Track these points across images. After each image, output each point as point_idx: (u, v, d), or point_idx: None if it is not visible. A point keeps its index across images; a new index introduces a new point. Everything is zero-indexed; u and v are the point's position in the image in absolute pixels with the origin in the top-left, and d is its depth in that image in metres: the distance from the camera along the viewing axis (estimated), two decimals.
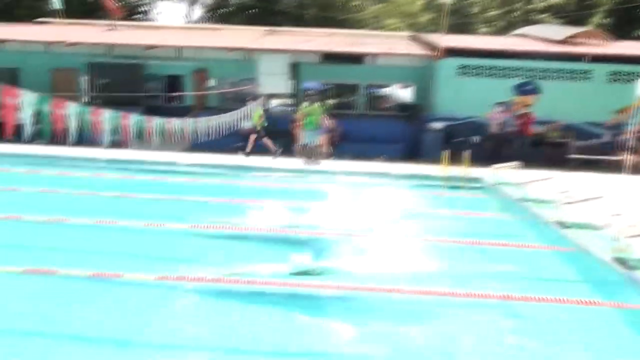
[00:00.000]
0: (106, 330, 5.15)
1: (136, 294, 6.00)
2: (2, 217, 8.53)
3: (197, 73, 21.14)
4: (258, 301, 5.87)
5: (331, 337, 5.17)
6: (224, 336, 5.16)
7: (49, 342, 4.90)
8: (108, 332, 5.12)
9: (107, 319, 5.38)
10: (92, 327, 5.21)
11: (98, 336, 5.04)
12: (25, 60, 20.86)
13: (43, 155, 14.18)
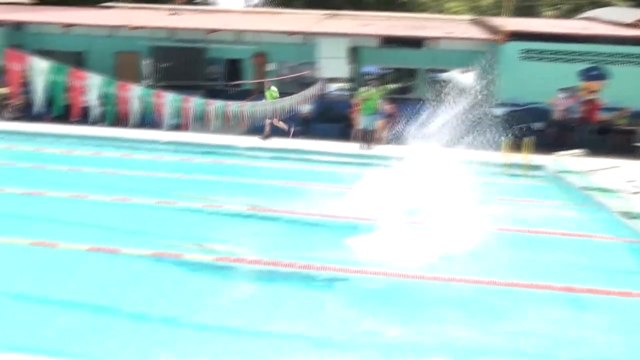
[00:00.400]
0: (163, 309, 5.25)
1: (195, 274, 6.09)
2: (69, 195, 8.81)
3: (257, 57, 21.24)
4: (316, 286, 5.89)
5: (394, 325, 5.12)
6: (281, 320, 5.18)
7: (109, 319, 5.02)
8: (165, 311, 5.21)
9: (166, 298, 5.49)
10: (150, 305, 5.31)
11: (155, 315, 5.13)
12: (91, 44, 21.40)
13: (107, 137, 14.62)
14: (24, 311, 5.02)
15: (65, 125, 15.44)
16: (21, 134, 15.16)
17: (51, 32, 21.49)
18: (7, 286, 5.50)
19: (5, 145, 13.73)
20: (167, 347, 4.50)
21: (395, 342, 4.77)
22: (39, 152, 13.10)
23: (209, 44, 21.07)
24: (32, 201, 8.57)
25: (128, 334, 4.73)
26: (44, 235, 6.80)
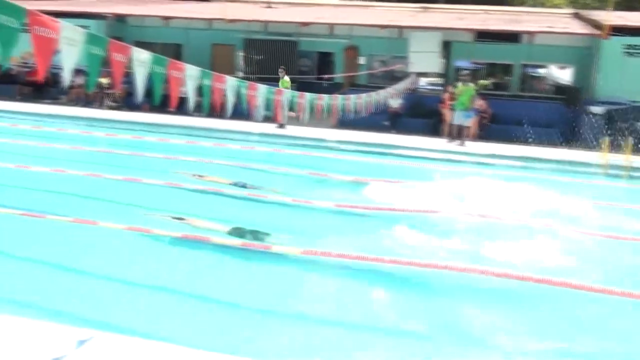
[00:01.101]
0: (251, 298, 5.29)
1: (282, 266, 6.11)
2: (163, 183, 9.07)
3: (348, 50, 21.21)
4: (403, 281, 5.78)
5: (493, 328, 4.95)
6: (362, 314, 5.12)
7: (200, 305, 5.11)
8: (252, 300, 5.25)
9: (255, 287, 5.54)
10: (237, 294, 5.37)
11: (240, 304, 5.18)
12: (188, 36, 22.02)
13: (201, 127, 15.00)
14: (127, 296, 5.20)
15: (162, 115, 15.99)
16: (120, 122, 15.79)
17: (151, 24, 22.26)
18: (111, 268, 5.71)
19: (106, 133, 14.32)
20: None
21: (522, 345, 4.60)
22: (137, 140, 13.59)
23: (301, 37, 21.21)
24: (129, 187, 8.89)
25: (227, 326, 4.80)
26: (138, 221, 7.01)
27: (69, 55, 3.85)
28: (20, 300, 4.86)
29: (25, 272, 5.54)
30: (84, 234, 6.64)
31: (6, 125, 14.30)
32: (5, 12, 3.46)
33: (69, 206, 7.68)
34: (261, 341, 4.51)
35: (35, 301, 4.86)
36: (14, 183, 8.74)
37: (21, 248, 6.11)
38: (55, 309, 4.73)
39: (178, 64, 5.07)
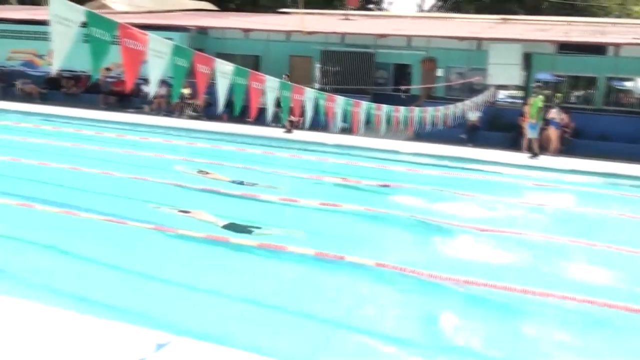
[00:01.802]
0: (321, 307, 5.29)
1: (355, 276, 6.09)
2: (240, 193, 9.23)
3: (425, 62, 21.05)
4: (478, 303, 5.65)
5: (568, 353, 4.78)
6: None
7: (274, 313, 5.16)
8: (323, 309, 5.26)
9: (326, 296, 5.54)
10: (309, 304, 5.39)
11: (312, 313, 5.20)
12: (267, 48, 22.43)
13: (278, 138, 15.21)
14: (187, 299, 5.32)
15: (240, 125, 16.31)
16: (200, 132, 16.21)
17: (231, 36, 22.80)
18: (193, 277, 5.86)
19: (186, 142, 14.72)
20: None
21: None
22: (216, 149, 13.89)
23: (378, 48, 21.21)
24: (207, 197, 9.09)
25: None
26: (216, 231, 7.15)
27: (156, 67, 4.00)
28: (104, 302, 5.04)
29: (109, 277, 5.75)
30: (165, 241, 6.83)
31: (92, 133, 14.92)
32: (98, 25, 3.63)
33: (150, 213, 7.92)
34: (332, 348, 4.51)
35: (118, 304, 5.03)
36: (99, 189, 9.08)
37: (104, 252, 6.33)
38: (136, 311, 4.88)
39: (259, 75, 5.17)
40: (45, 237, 6.68)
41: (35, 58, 24.26)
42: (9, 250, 6.31)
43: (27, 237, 6.62)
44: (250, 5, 34.47)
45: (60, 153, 11.86)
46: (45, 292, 5.11)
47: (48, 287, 5.27)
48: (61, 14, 3.42)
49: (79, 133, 14.90)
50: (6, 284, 5.27)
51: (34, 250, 6.33)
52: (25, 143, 12.68)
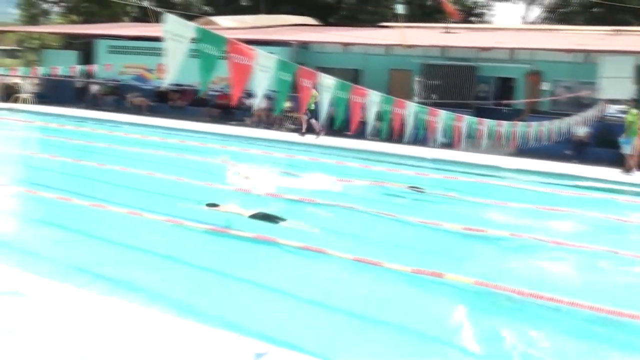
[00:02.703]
0: (422, 326, 5.22)
1: (453, 297, 5.97)
2: (341, 205, 9.27)
3: (530, 75, 20.44)
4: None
5: None
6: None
7: (370, 327, 5.15)
8: (423, 328, 5.18)
9: (424, 315, 5.47)
10: (403, 319, 5.33)
11: (409, 329, 5.14)
12: (367, 61, 22.53)
13: (376, 152, 15.21)
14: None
15: (339, 138, 16.45)
16: (299, 144, 16.47)
17: (331, 50, 23.08)
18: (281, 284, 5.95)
19: (285, 154, 14.98)
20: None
21: None
22: (314, 162, 14.04)
23: (480, 62, 20.82)
24: (296, 208, 9.19)
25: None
26: (316, 241, 7.22)
27: (261, 81, 4.11)
28: (205, 310, 5.19)
29: (210, 284, 5.93)
30: (263, 251, 6.97)
31: (197, 144, 15.49)
32: (208, 41, 3.78)
33: (250, 224, 8.10)
34: None
35: (219, 312, 5.17)
36: (202, 198, 9.39)
37: (211, 261, 6.55)
38: (237, 321, 4.99)
39: (361, 89, 5.20)
40: (156, 245, 7.00)
41: (145, 72, 25.52)
42: (121, 256, 6.65)
43: (140, 245, 6.97)
44: (350, 19, 34.79)
45: (166, 163, 12.38)
46: (150, 296, 5.33)
47: (155, 293, 5.49)
48: (174, 31, 3.58)
49: (183, 144, 15.53)
50: (116, 288, 5.53)
51: (147, 258, 6.64)
52: (134, 153, 13.33)
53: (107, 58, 25.63)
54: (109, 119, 20.09)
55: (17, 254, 6.39)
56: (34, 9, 37.78)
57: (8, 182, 9.49)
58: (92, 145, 14.59)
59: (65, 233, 7.38)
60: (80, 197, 8.74)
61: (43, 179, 10.15)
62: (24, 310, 4.18)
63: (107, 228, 7.60)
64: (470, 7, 39.87)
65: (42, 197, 8.74)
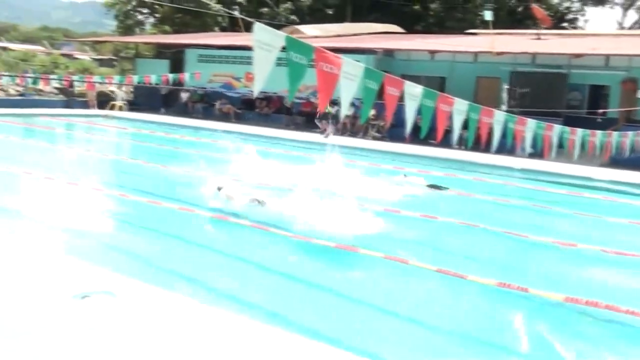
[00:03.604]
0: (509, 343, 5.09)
1: (541, 311, 5.78)
2: (420, 215, 9.19)
3: (626, 83, 19.56)
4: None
5: None
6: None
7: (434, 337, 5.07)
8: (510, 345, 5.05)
9: (510, 331, 5.33)
10: (492, 337, 5.21)
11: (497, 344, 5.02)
12: (453, 69, 22.23)
13: (460, 160, 14.97)
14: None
15: (423, 147, 16.30)
16: (384, 153, 16.44)
17: (417, 58, 22.93)
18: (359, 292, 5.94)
19: (369, 162, 14.96)
20: None
21: None
22: (397, 171, 13.96)
23: (572, 69, 20.13)
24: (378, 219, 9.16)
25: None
26: (393, 251, 7.18)
27: (348, 89, 4.14)
28: (310, 325, 5.22)
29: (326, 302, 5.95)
30: (343, 259, 6.99)
31: (281, 152, 15.73)
32: (297, 50, 3.84)
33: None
34: None
35: (323, 327, 5.18)
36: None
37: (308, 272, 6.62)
38: (338, 337, 5.01)
39: (448, 97, 5.14)
40: (242, 250, 7.15)
41: (233, 80, 26.16)
42: (209, 260, 6.83)
43: (222, 247, 7.14)
44: (436, 26, 34.45)
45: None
46: (241, 303, 5.43)
47: (244, 300, 5.60)
48: (263, 40, 3.67)
49: (267, 151, 15.80)
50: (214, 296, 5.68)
51: (233, 263, 6.80)
52: (220, 159, 13.67)
53: (197, 66, 26.44)
54: (198, 126, 20.72)
55: (110, 254, 6.68)
56: (130, 20, 39.48)
57: (103, 185, 9.93)
58: (180, 151, 15.07)
59: (155, 235, 7.66)
60: (169, 200, 9.03)
61: (134, 183, 10.55)
62: (114, 310, 4.35)
63: (197, 232, 7.82)
64: (562, 13, 38.63)
65: (134, 200, 9.09)
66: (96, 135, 18.76)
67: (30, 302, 4.35)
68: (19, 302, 4.34)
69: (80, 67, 33.86)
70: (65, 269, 5.20)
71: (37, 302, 4.35)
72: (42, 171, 10.71)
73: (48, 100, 25.73)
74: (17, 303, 4.32)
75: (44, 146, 15.41)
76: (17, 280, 4.81)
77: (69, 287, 4.66)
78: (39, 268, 5.16)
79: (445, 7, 35.41)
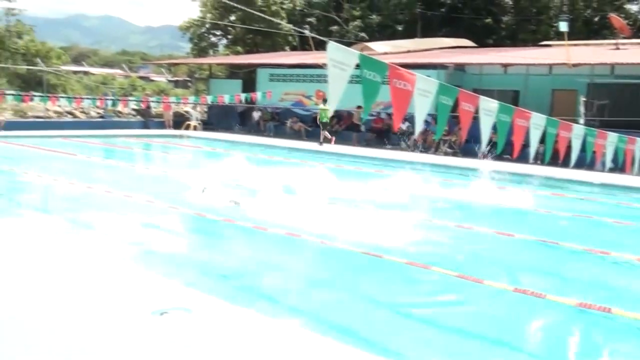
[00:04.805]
0: None
1: (625, 333, 5.55)
2: (494, 232, 9.00)
3: None
4: None
5: None
6: None
7: None
8: None
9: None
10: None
11: None
12: (527, 82, 21.75)
13: (539, 176, 14.58)
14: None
15: (497, 162, 15.98)
16: (459, 168, 16.23)
17: (489, 72, 22.57)
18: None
19: (443, 178, 14.78)
20: None
21: None
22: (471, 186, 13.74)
23: None
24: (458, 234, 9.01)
25: None
26: (468, 270, 7.05)
27: (422, 106, 4.12)
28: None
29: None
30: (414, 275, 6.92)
31: (350, 168, 15.77)
32: (370, 67, 3.86)
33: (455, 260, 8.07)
34: None
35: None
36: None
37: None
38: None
39: (524, 112, 5.03)
40: (318, 268, 7.17)
41: (303, 98, 26.48)
42: (291, 280, 6.89)
43: (300, 266, 7.17)
44: (509, 39, 33.87)
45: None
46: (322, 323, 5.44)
47: (324, 319, 5.61)
48: (337, 58, 3.70)
49: (339, 168, 15.86)
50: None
51: (314, 282, 6.84)
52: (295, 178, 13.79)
53: (268, 85, 26.92)
54: (272, 144, 21.06)
55: (186, 270, 6.84)
56: (204, 42, 40.63)
57: (178, 204, 10.18)
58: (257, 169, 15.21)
59: (233, 253, 7.79)
60: (243, 220, 9.15)
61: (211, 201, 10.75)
62: (190, 327, 4.43)
63: (272, 249, 7.90)
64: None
65: (211, 219, 9.27)
66: (172, 155, 19.33)
67: (110, 317, 4.50)
68: (99, 317, 4.49)
69: (156, 89, 35.04)
70: (146, 284, 5.35)
71: (117, 317, 4.49)
72: (122, 190, 11.10)
73: (127, 121, 26.75)
74: (97, 318, 4.48)
75: (123, 166, 15.98)
76: (99, 295, 4.98)
77: (148, 303, 4.79)
78: (120, 283, 5.34)
79: (518, 19, 34.81)
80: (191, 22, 40.07)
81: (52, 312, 4.55)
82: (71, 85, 32.17)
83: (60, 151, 17.49)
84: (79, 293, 5.01)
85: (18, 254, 6.17)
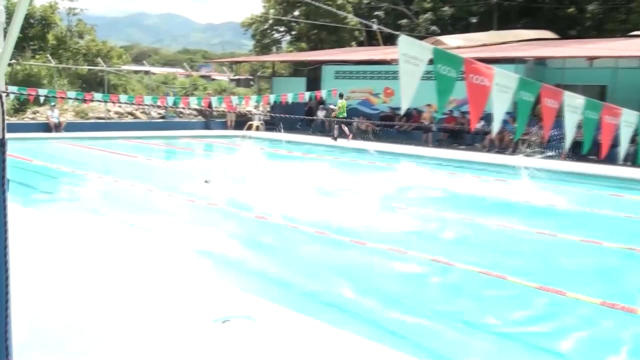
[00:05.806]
0: None
1: None
2: (578, 239, 8.76)
3: None
4: None
5: None
6: None
7: None
8: None
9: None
10: None
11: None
12: (615, 76, 21.03)
13: (630, 179, 14.10)
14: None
15: (580, 164, 15.53)
16: (537, 170, 15.83)
17: (572, 66, 21.94)
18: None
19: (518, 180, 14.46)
20: None
21: None
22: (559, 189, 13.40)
23: None
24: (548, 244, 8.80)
25: None
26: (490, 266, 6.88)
27: (501, 102, 4.03)
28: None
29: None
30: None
31: (450, 172, 15.63)
32: (445, 62, 3.81)
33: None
34: None
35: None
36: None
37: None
38: None
39: (614, 108, 4.87)
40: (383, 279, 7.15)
41: (370, 97, 26.43)
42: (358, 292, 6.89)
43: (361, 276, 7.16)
44: (594, 30, 32.86)
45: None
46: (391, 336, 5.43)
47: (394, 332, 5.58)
48: (410, 53, 3.66)
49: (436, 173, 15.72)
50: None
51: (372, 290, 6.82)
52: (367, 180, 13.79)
53: (334, 83, 26.96)
54: (338, 145, 21.13)
55: (250, 278, 6.92)
56: (267, 39, 41.15)
57: (241, 208, 10.31)
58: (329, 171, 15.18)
59: (296, 260, 7.83)
60: (305, 225, 9.17)
61: (276, 205, 10.84)
62: (253, 336, 4.49)
63: (338, 257, 7.89)
64: None
65: (274, 223, 9.33)
66: (236, 156, 19.61)
67: (174, 324, 4.60)
68: (162, 324, 4.60)
69: (218, 88, 35.67)
70: (209, 292, 5.45)
71: (180, 324, 4.59)
72: (183, 194, 11.34)
73: (188, 122, 27.35)
74: (160, 325, 4.59)
75: (184, 168, 16.31)
76: (164, 302, 5.10)
77: (211, 310, 4.88)
78: (183, 290, 5.45)
79: (605, 8, 33.71)
80: (254, 19, 40.69)
81: (114, 318, 4.69)
82: (132, 85, 33.13)
83: (122, 153, 18.04)
84: (139, 299, 5.15)
85: (80, 258, 6.39)
